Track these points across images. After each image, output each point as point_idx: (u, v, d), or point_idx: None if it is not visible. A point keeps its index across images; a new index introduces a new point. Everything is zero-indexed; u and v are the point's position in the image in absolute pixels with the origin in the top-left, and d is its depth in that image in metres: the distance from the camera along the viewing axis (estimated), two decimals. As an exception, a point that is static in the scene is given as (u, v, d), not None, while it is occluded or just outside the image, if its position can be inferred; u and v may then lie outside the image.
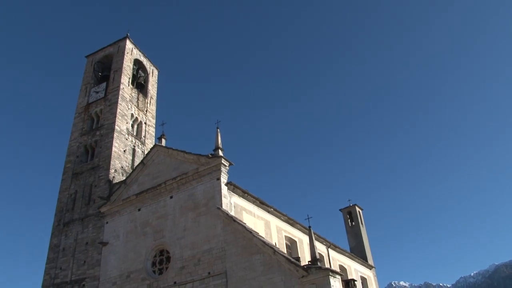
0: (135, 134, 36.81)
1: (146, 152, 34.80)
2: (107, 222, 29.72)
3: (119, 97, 35.90)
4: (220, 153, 25.80)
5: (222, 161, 25.36)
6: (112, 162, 32.47)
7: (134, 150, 35.63)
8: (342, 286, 23.01)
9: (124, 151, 34.37)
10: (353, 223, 45.92)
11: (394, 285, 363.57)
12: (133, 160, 34.85)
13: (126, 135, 35.26)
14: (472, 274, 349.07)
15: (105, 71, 39.80)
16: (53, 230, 32.66)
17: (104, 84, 38.11)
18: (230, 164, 25.76)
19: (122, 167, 33.34)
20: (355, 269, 38.70)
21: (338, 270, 22.94)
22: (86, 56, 41.75)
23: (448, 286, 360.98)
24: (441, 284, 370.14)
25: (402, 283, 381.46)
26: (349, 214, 46.42)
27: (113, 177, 31.92)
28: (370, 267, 42.78)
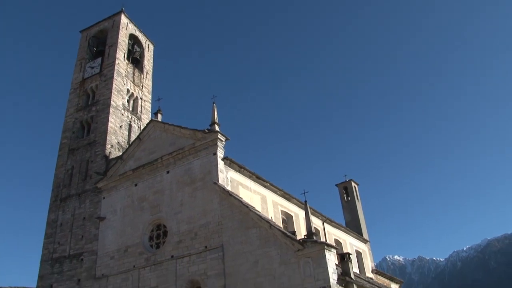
0: (131, 109, 36.71)
1: (142, 127, 34.76)
2: (104, 198, 29.89)
3: (115, 72, 35.68)
4: (217, 128, 25.81)
5: (219, 136, 25.39)
6: (108, 138, 32.48)
7: (130, 125, 35.59)
8: (337, 259, 23.38)
9: (120, 126, 34.33)
10: (349, 198, 46.36)
11: (388, 259, 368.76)
12: (129, 136, 34.85)
13: (122, 111, 35.18)
14: (464, 248, 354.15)
15: (100, 46, 39.43)
16: (51, 205, 32.86)
17: (99, 60, 37.82)
18: (227, 139, 25.81)
19: (118, 142, 33.36)
20: (350, 243, 39.19)
21: (333, 244, 23.26)
22: (81, 31, 41.29)
23: (441, 260, 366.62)
24: (434, 258, 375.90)
25: (396, 257, 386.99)
26: (345, 189, 46.81)
27: (110, 152, 31.97)
28: (365, 241, 43.32)
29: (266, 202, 27.79)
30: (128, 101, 36.84)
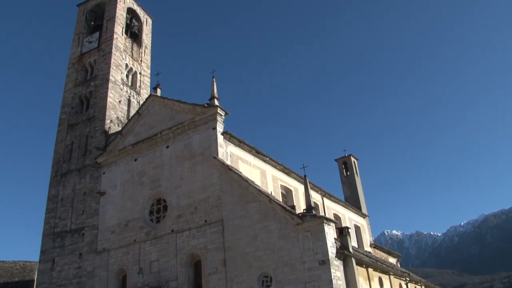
0: (130, 84, 36.50)
1: (141, 102, 34.62)
2: (104, 173, 29.98)
3: (113, 47, 35.34)
4: (216, 102, 25.70)
5: (218, 111, 25.31)
6: (107, 113, 32.39)
7: (129, 100, 35.44)
8: (336, 233, 23.60)
9: (119, 101, 34.20)
10: (348, 173, 46.57)
11: (386, 234, 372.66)
12: (128, 111, 34.74)
13: (121, 86, 34.98)
14: (462, 223, 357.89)
15: (97, 20, 38.91)
16: (51, 180, 32.98)
17: (97, 34, 37.39)
18: (226, 114, 25.73)
19: (117, 117, 33.28)
20: (349, 218, 39.51)
21: (332, 218, 23.41)
22: (78, 5, 40.67)
23: (439, 234, 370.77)
24: (432, 233, 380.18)
25: (394, 232, 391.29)
26: (344, 164, 46.99)
27: (109, 127, 31.93)
28: (363, 216, 43.68)
29: (266, 177, 27.88)
30: (127, 76, 36.60)
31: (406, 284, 29.46)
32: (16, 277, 39.72)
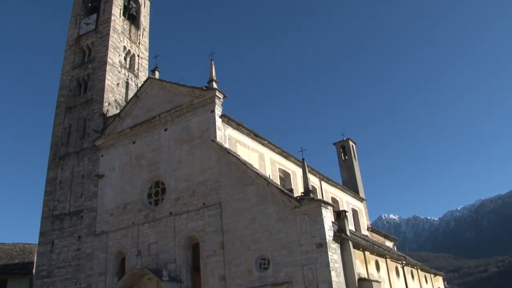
0: (128, 67, 36.27)
1: (139, 85, 34.44)
2: (102, 155, 29.97)
3: (111, 29, 35.06)
4: (214, 85, 25.59)
5: (217, 94, 25.22)
6: (105, 96, 32.27)
7: (127, 83, 35.27)
8: (334, 217, 23.75)
9: (117, 84, 34.03)
10: (346, 157, 46.64)
11: (384, 218, 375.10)
12: (126, 93, 34.59)
13: (119, 68, 34.79)
14: (458, 208, 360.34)
15: (95, 1, 38.43)
16: (49, 163, 32.97)
17: (94, 16, 37.04)
18: (225, 97, 25.64)
19: (115, 100, 33.16)
20: (346, 202, 39.69)
21: (330, 202, 23.53)
22: (75, -14, 40.20)
23: (436, 219, 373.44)
24: (429, 218, 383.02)
25: (391, 216, 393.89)
26: (343, 148, 47.05)
27: (107, 110, 31.83)
28: (361, 199, 43.87)
29: (264, 160, 27.90)
30: (125, 59, 36.35)
31: (402, 268, 29.74)
32: (16, 259, 39.92)
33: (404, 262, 30.58)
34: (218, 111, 25.25)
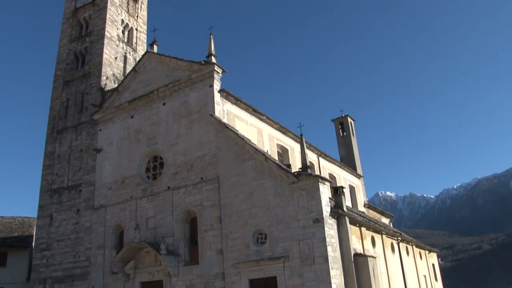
0: (126, 40, 35.88)
1: (137, 59, 34.14)
2: (100, 130, 29.93)
3: (108, 2, 34.51)
4: (213, 59, 25.37)
5: (215, 68, 25.03)
6: (103, 69, 32.03)
7: (125, 57, 34.95)
8: (331, 193, 23.86)
9: (115, 58, 33.73)
10: (345, 134, 46.69)
11: (380, 195, 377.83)
12: (124, 68, 34.32)
13: (117, 42, 34.42)
14: (455, 186, 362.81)
15: (92, -27, 37.82)
16: (47, 137, 32.94)
17: (91, -12, 36.43)
18: (223, 71, 25.46)
19: (113, 74, 32.92)
20: (344, 178, 39.87)
21: (327, 178, 23.59)
22: (72, -43, 39.42)
23: (432, 197, 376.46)
24: (425, 195, 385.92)
25: (388, 193, 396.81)
26: (341, 124, 47.04)
27: (105, 84, 31.64)
28: (358, 176, 44.07)
29: (262, 135, 27.88)
30: (123, 32, 35.94)
31: (398, 244, 30.04)
32: (15, 232, 40.24)
33: (399, 238, 30.89)
34: (216, 85, 25.10)
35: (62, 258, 28.60)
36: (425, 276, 35.74)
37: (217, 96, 24.88)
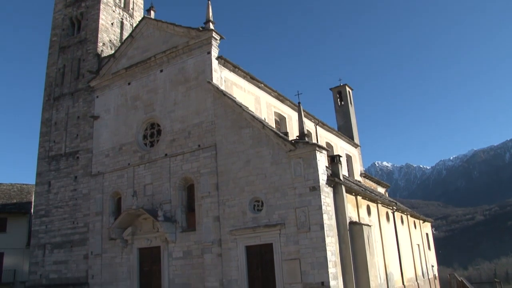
0: (122, 6, 35.24)
1: (134, 25, 33.69)
2: (97, 96, 29.76)
3: (104, -35, 33.71)
4: (211, 26, 25.00)
5: (213, 35, 24.69)
6: (99, 35, 31.61)
7: (122, 23, 34.43)
8: (328, 161, 23.96)
9: (112, 24, 33.23)
10: (342, 103, 46.54)
11: (377, 165, 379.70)
12: (121, 34, 33.87)
13: (113, 7, 33.83)
14: (451, 158, 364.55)
15: None
16: (44, 104, 32.79)
17: (86, -50, 35.53)
18: (221, 38, 25.12)
19: (110, 40, 32.51)
20: (341, 147, 39.95)
21: (324, 146, 23.63)
22: None
23: (428, 168, 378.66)
24: (421, 166, 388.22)
25: (385, 163, 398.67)
26: (339, 93, 46.83)
27: (102, 50, 31.29)
28: (355, 145, 44.17)
29: (260, 103, 27.75)
30: (119, -3, 35.27)
31: (393, 213, 30.38)
32: (14, 199, 40.56)
33: (394, 207, 31.22)
34: (214, 52, 24.82)
35: (60, 224, 28.90)
36: (418, 245, 36.31)
37: (214, 63, 24.62)
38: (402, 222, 32.81)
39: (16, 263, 37.41)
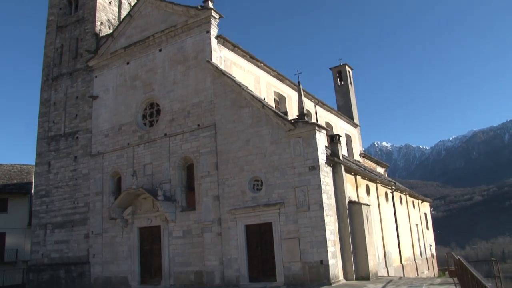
0: (120, -16, 34.75)
1: (133, 3, 33.27)
2: (96, 76, 29.60)
3: None
4: (210, 5, 24.65)
5: (212, 13, 24.39)
6: (97, 14, 31.24)
7: (120, 1, 33.91)
8: (327, 141, 23.97)
9: (110, 2, 32.81)
10: (342, 83, 46.39)
11: (376, 145, 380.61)
12: (119, 13, 33.43)
13: (111, -15, 33.37)
14: (450, 138, 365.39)
15: None
16: (42, 84, 32.62)
17: None
18: (220, 17, 24.83)
19: (108, 19, 32.17)
20: (340, 127, 39.94)
21: (324, 126, 23.61)
22: None
23: (427, 148, 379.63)
24: (420, 146, 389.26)
25: (384, 143, 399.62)
26: (339, 73, 46.65)
27: (100, 30, 30.98)
28: (355, 125, 44.17)
29: (259, 83, 27.63)
30: (117, -25, 34.78)
31: (392, 193, 30.52)
32: (15, 179, 40.66)
33: (393, 187, 31.35)
34: (213, 31, 24.60)
35: (61, 204, 29.02)
36: (417, 224, 36.57)
37: (214, 42, 24.42)
38: (401, 202, 32.99)
39: (18, 242, 37.70)
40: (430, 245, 40.47)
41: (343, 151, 31.37)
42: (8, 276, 35.53)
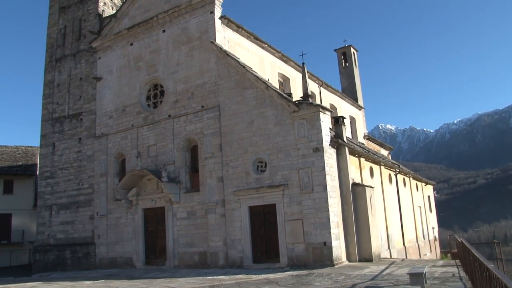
0: (122, -36, 34.41)
1: (135, -16, 32.95)
2: (99, 57, 29.46)
3: None
4: (214, -16, 24.44)
5: (216, -7, 24.18)
6: (100, -5, 31.00)
7: (123, -18, 33.68)
8: (331, 123, 23.89)
9: (112, -18, 32.55)
10: (347, 64, 46.01)
11: (380, 128, 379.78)
12: (122, -7, 33.17)
13: (114, -35, 33.05)
14: (455, 121, 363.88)
15: None
16: (46, 66, 32.53)
17: None
18: (224, -3, 24.63)
19: (111, 0, 31.93)
20: (345, 109, 39.77)
21: (328, 107, 23.50)
22: None
23: (431, 131, 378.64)
24: (425, 129, 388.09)
25: (388, 126, 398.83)
26: (344, 55, 46.26)
27: (103, 10, 30.76)
28: (359, 108, 43.98)
29: (264, 64, 27.43)
30: (120, -45, 34.42)
31: (395, 175, 30.52)
32: (20, 161, 40.87)
33: (397, 170, 31.33)
34: (217, 12, 24.35)
35: (66, 186, 29.18)
36: (420, 207, 36.63)
37: (218, 23, 24.20)
38: (404, 184, 33.00)
39: (24, 223, 38.09)
40: (433, 228, 40.59)
41: (347, 133, 31.29)
42: (15, 256, 35.99)
